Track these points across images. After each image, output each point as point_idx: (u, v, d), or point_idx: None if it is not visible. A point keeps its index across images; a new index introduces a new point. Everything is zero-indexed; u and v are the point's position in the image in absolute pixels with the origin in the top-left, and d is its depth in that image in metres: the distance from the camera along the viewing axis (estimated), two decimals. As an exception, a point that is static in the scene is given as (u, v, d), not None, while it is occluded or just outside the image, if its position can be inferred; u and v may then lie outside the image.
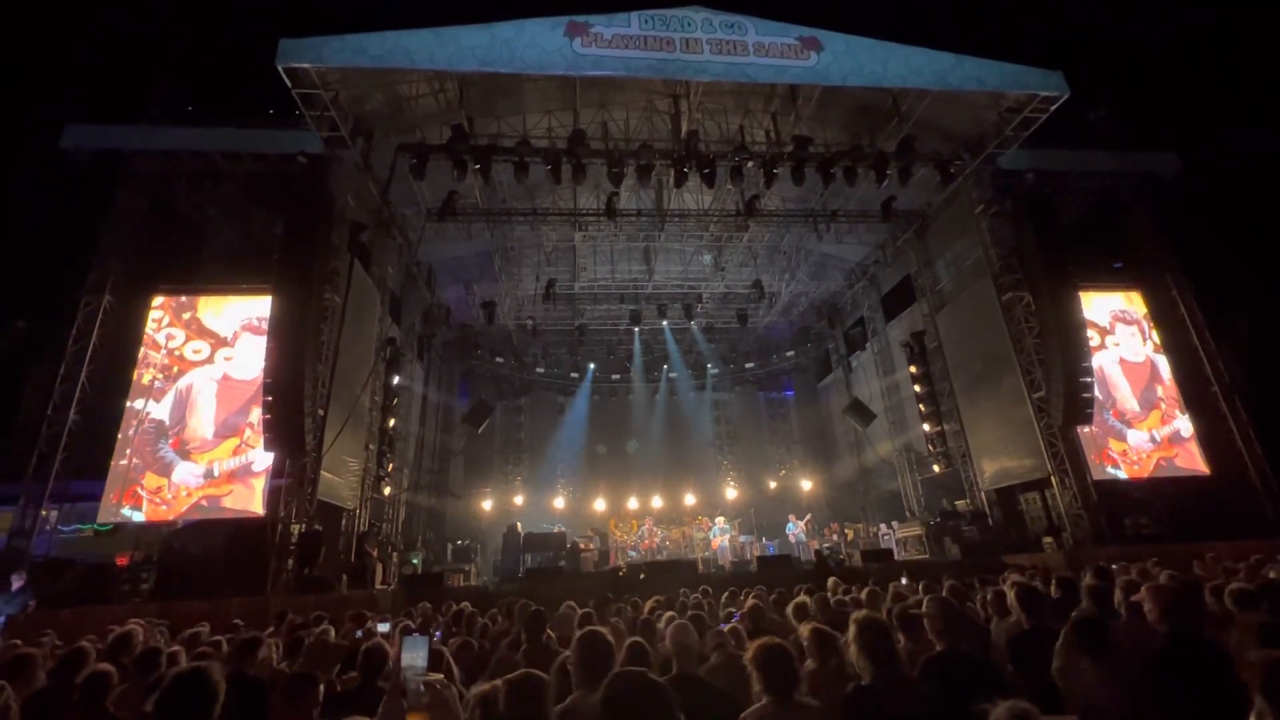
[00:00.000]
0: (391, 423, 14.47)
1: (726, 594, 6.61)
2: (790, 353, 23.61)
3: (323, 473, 11.03)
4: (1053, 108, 12.28)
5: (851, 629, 2.46)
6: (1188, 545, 9.59)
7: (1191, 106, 18.00)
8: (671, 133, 13.09)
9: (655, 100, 13.36)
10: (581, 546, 14.66)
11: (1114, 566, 6.41)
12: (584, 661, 2.47)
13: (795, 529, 15.21)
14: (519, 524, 15.44)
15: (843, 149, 13.02)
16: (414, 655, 1.55)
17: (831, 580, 6.62)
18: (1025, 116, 12.53)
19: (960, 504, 14.87)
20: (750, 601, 5.04)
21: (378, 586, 11.37)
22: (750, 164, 12.75)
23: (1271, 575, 4.28)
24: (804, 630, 3.17)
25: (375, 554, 11.98)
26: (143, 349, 11.46)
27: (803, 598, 5.08)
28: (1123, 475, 12.94)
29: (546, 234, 16.14)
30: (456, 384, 19.88)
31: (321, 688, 2.64)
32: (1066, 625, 2.59)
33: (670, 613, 4.94)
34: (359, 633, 5.01)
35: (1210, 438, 13.45)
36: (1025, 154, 13.74)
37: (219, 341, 11.74)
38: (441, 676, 1.50)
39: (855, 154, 12.92)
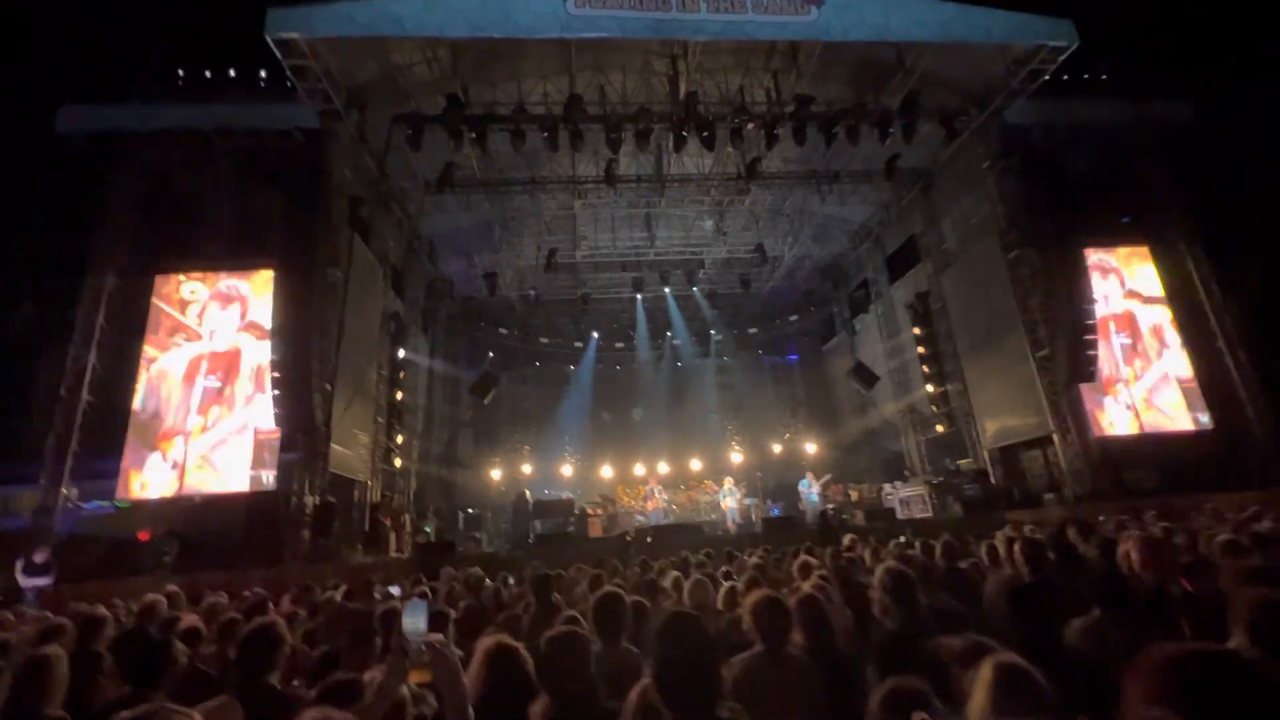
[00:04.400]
0: (399, 396, 14.60)
1: (724, 554, 6.72)
2: (794, 317, 23.48)
3: (333, 446, 11.20)
4: (1061, 58, 11.90)
5: (879, 576, 2.53)
6: (1189, 497, 9.66)
7: (1206, 52, 17.38)
8: (670, 95, 12.79)
9: (652, 61, 13.03)
10: (589, 512, 14.89)
11: (1102, 519, 6.47)
12: (603, 618, 2.60)
13: (811, 487, 15.37)
14: (528, 492, 15.68)
15: (845, 107, 12.72)
16: (415, 618, 1.61)
17: (849, 537, 6.73)
18: (1033, 68, 12.15)
19: (963, 463, 14.97)
20: (753, 561, 5.14)
21: (392, 554, 11.66)
22: (751, 125, 12.49)
23: (1264, 525, 4.32)
24: (807, 585, 3.25)
25: (389, 523, 12.24)
26: (154, 309, 11.64)
27: (804, 557, 5.18)
28: (1123, 431, 12.98)
29: (546, 203, 15.97)
30: (462, 356, 19.95)
31: (378, 640, 2.80)
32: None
33: (675, 573, 5.06)
34: (376, 595, 5.16)
35: (1215, 391, 13.41)
36: (1033, 107, 13.39)
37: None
38: (441, 636, 1.55)
39: (858, 111, 12.62)
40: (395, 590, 4.89)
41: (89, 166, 11.85)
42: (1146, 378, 13.67)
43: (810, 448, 20.58)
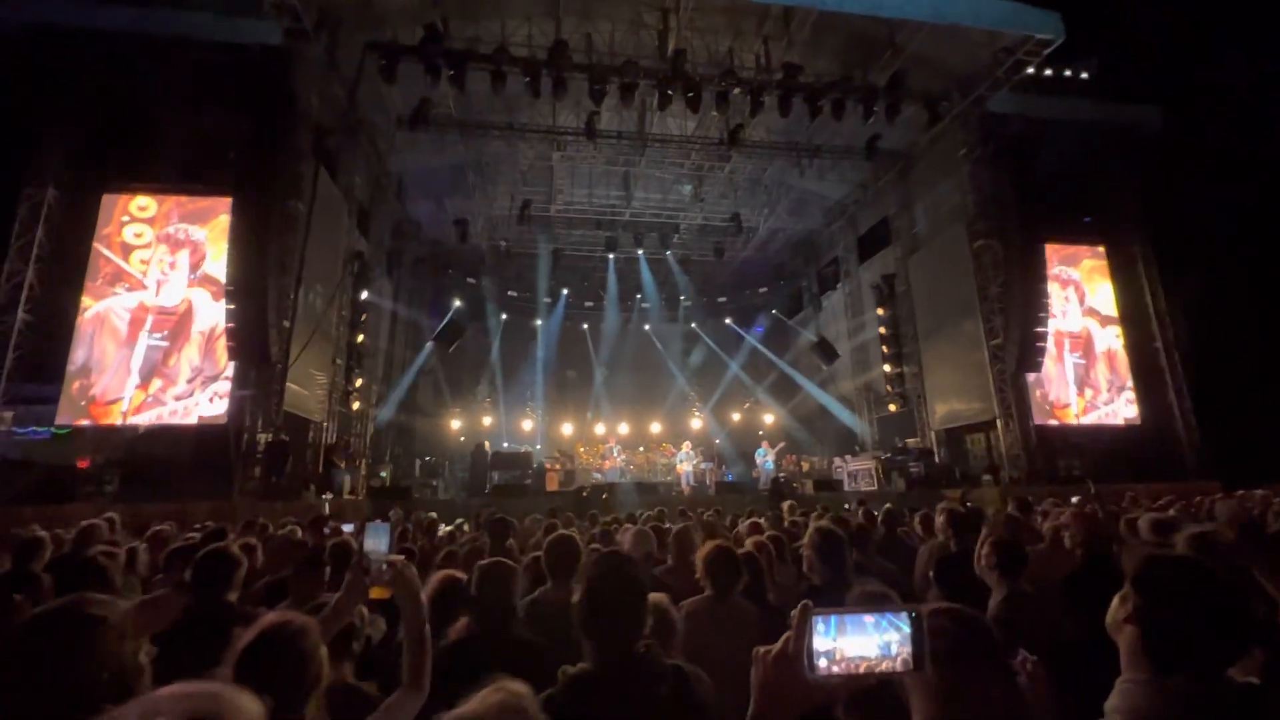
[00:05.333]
0: (359, 338, 14.30)
1: (678, 513, 6.91)
2: (763, 289, 23.65)
3: (289, 385, 10.94)
4: (1045, 51, 12.03)
5: (809, 534, 2.65)
6: (1112, 486, 10.32)
7: (1182, 59, 17.77)
8: (658, 50, 12.47)
9: (643, 13, 12.62)
10: (548, 467, 15.01)
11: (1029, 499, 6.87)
12: (555, 558, 2.68)
13: (765, 455, 15.82)
14: (487, 443, 15.66)
15: (833, 80, 12.63)
16: (376, 540, 1.63)
17: (788, 504, 6.98)
18: (1018, 59, 12.26)
19: (911, 441, 15.57)
20: (706, 517, 5.30)
21: (345, 497, 11.59)
22: (737, 90, 12.31)
23: (1173, 513, 4.68)
24: (749, 542, 3.39)
25: (343, 466, 12.12)
26: (94, 248, 10.91)
27: (754, 518, 5.37)
28: (1057, 423, 13.67)
29: (523, 151, 15.53)
30: (427, 302, 19.55)
31: (327, 570, 2.84)
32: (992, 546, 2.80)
33: (629, 525, 5.19)
34: (327, 530, 5.15)
35: (1147, 390, 14.20)
36: (1014, 98, 13.55)
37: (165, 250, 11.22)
38: (403, 558, 1.59)
39: (845, 86, 12.55)
40: (348, 528, 4.89)
41: (26, 61, 10.88)
42: (1091, 416, 13.90)
43: (768, 418, 21.07)
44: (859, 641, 0.91)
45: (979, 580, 2.75)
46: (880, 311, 17.24)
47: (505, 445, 18.02)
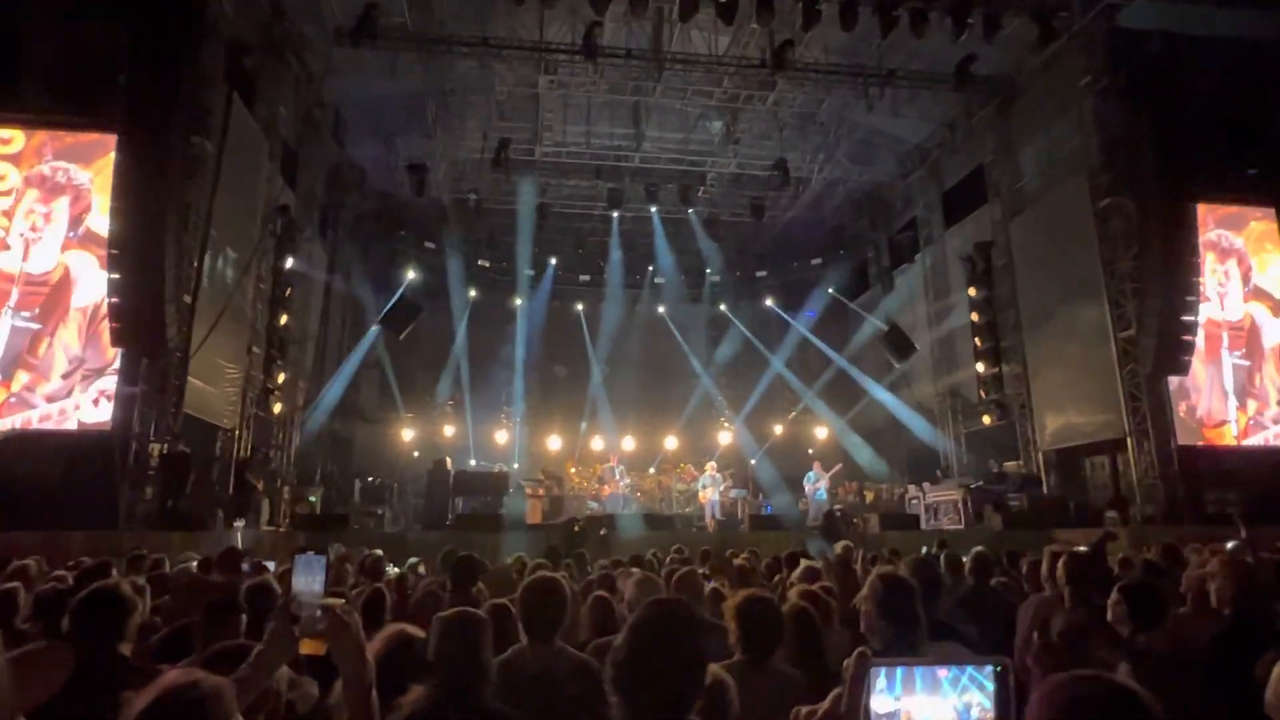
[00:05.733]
0: (283, 320, 14.44)
1: (701, 555, 6.96)
2: (817, 260, 23.61)
3: (191, 380, 11.09)
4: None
5: (868, 583, 2.68)
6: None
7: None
8: (680, -59, 12.46)
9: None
10: (528, 492, 15.13)
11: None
12: (534, 609, 2.70)
13: (817, 481, 15.85)
14: (449, 460, 15.79)
15: (912, -18, 12.58)
16: (308, 578, 1.66)
17: (843, 545, 6.99)
18: (1162, -46, 12.14)
19: (1010, 466, 15.55)
20: (739, 560, 5.35)
21: (264, 527, 11.73)
22: (785, -5, 12.29)
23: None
24: (795, 593, 3.41)
25: (260, 487, 12.28)
26: None
27: (807, 562, 5.40)
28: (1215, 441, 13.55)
29: (501, 75, 15.55)
30: (372, 273, 19.67)
31: (243, 618, 2.89)
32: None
33: (635, 570, 5.23)
34: (245, 566, 5.23)
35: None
36: (1154, 8, 13.39)
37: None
38: (343, 601, 1.61)
39: (928, -9, 12.51)
40: (270, 566, 4.96)
41: None
42: (1256, 437, 13.54)
43: (821, 432, 21.07)
44: (930, 702, 0.91)
45: (1099, 643, 2.78)
46: (972, 292, 17.17)
47: (473, 463, 18.11)
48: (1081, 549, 4.76)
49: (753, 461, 19.84)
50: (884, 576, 2.71)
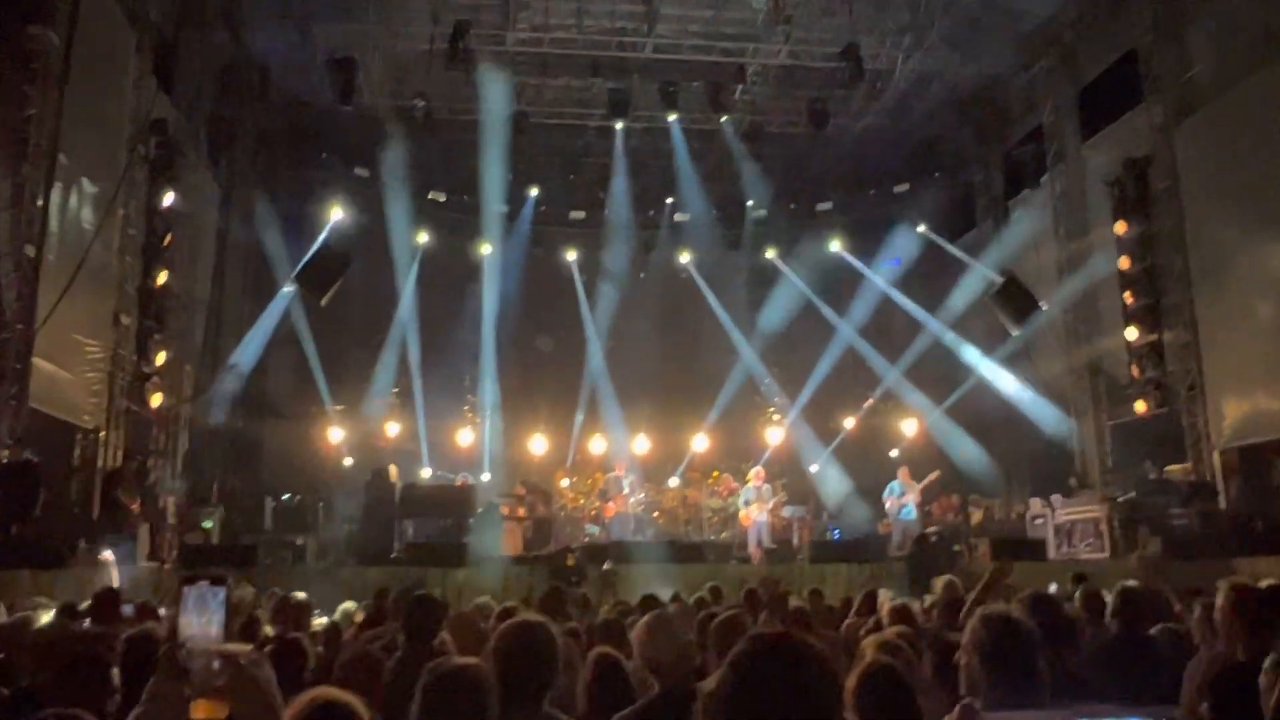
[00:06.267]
0: (162, 278, 14.47)
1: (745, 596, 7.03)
2: (902, 187, 23.39)
3: (38, 362, 11.17)
4: None
5: (969, 628, 2.73)
6: None
7: None
8: None
9: None
10: (505, 511, 15.20)
11: None
12: (513, 663, 2.74)
13: (904, 494, 15.85)
14: (393, 468, 15.89)
15: None
16: (203, 617, 1.70)
17: (945, 580, 7.00)
18: None
19: (1175, 470, 15.44)
20: (796, 603, 5.38)
21: (142, 563, 11.85)
22: None
23: None
24: (870, 646, 3.44)
25: (137, 508, 12.37)
26: None
27: (889, 604, 5.43)
28: None
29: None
30: (283, 213, 19.63)
31: (114, 676, 2.95)
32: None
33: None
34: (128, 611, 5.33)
35: None
36: None
37: None
38: (250, 648, 1.64)
39: None
40: (163, 612, 5.06)
41: None
42: None
43: (909, 426, 21.02)
44: None
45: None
46: (1120, 229, 17.04)
47: (427, 474, 18.23)
48: (1270, 584, 4.76)
49: (814, 468, 19.92)
50: (989, 618, 2.73)
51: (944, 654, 3.84)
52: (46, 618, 5.74)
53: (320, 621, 7.27)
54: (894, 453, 20.39)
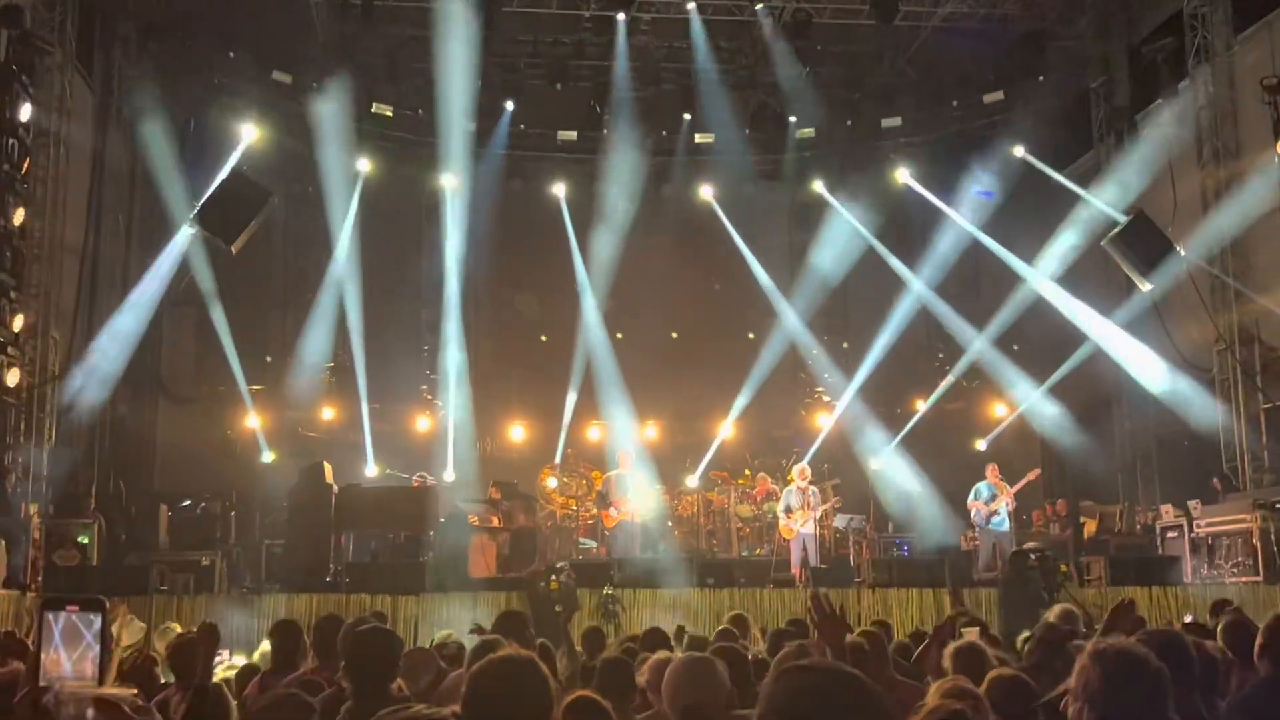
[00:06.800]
0: (18, 217, 14.42)
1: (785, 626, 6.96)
2: (994, 96, 23.22)
3: None
4: None
5: (1079, 666, 2.77)
6: None
7: None
8: None
9: None
10: (474, 520, 15.21)
11: None
12: (491, 707, 2.64)
13: (994, 499, 15.82)
14: (328, 468, 15.87)
15: None
16: (74, 651, 1.72)
17: (1060, 610, 6.95)
18: None
19: (1350, 467, 15.41)
20: (854, 638, 5.33)
21: (-3, 590, 11.88)
22: None
23: None
24: (936, 695, 3.38)
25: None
26: None
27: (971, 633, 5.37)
28: None
29: None
30: (178, 132, 19.60)
31: None
32: None
33: (661, 654, 5.22)
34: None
35: None
36: None
37: None
38: (134, 693, 1.57)
39: None
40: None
41: None
42: None
43: (998, 410, 20.98)
44: None
45: None
46: (1284, 147, 16.89)
47: (373, 472, 18.24)
48: None
49: (876, 465, 19.85)
50: (1104, 654, 2.74)
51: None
52: None
53: (227, 663, 7.23)
54: (981, 445, 20.36)
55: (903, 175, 22.79)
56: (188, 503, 16.48)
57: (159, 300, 18.35)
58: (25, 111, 14.49)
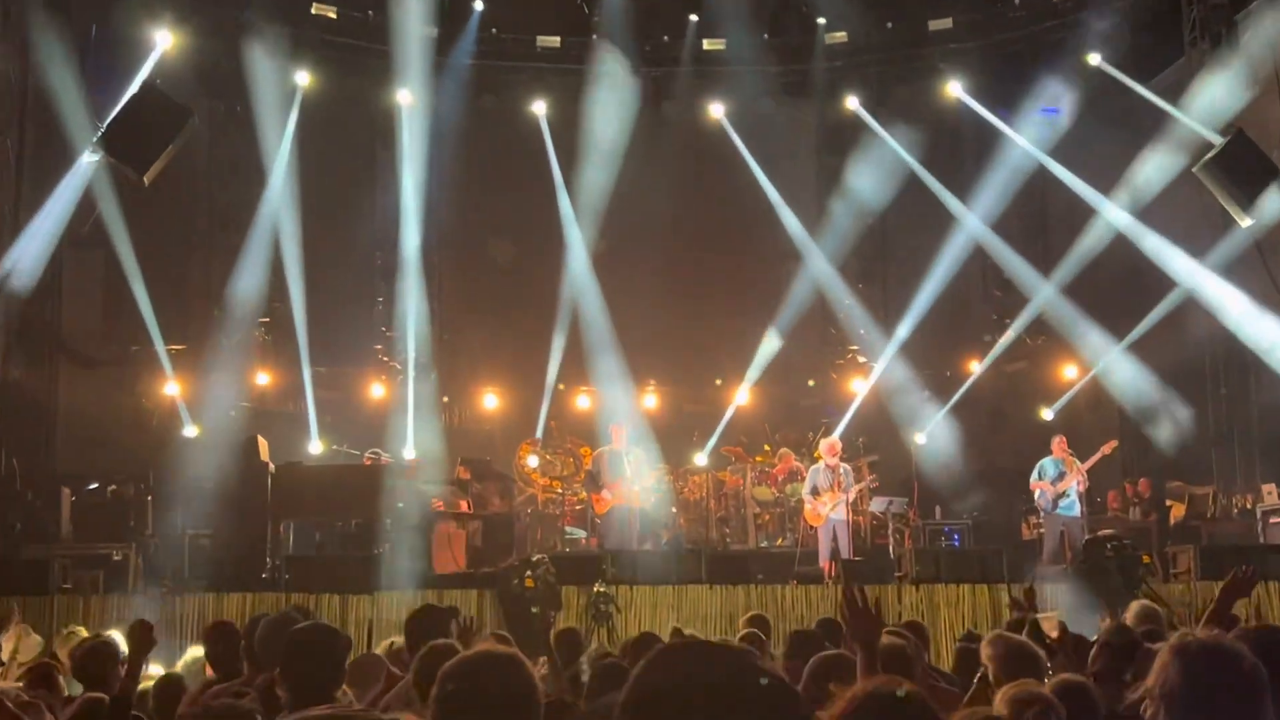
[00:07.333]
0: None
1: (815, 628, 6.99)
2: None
3: None
4: None
5: (1158, 661, 2.76)
6: None
7: None
8: None
9: None
10: (438, 505, 15.25)
11: None
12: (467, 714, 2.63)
13: (1060, 479, 15.84)
14: (263, 445, 15.88)
15: None
16: None
17: (1141, 607, 6.97)
18: None
19: None
20: (890, 639, 5.36)
21: None
22: None
23: None
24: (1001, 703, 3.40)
25: None
26: None
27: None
28: None
29: None
30: (79, 37, 19.52)
31: None
32: None
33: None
34: None
35: None
36: None
37: None
38: (20, 686, 1.55)
39: None
40: None
41: None
42: None
43: (1070, 373, 21.02)
44: None
45: None
46: None
47: (317, 449, 18.28)
48: None
49: (920, 440, 19.89)
50: (1188, 649, 2.73)
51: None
52: None
53: (151, 675, 7.22)
54: (1047, 414, 20.37)
55: (954, 89, 22.74)
56: (95, 486, 16.48)
57: (57, 242, 18.27)
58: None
